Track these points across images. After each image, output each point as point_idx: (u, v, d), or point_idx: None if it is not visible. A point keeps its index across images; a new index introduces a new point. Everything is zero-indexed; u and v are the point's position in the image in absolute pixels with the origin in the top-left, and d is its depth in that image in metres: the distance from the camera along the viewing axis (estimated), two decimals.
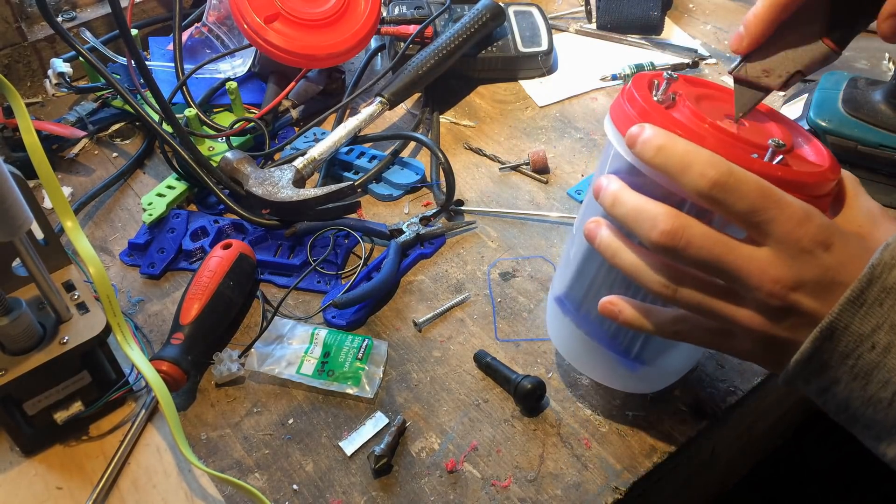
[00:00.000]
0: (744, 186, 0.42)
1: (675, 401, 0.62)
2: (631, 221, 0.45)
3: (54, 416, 0.58)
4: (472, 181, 0.83)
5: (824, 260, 0.42)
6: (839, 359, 0.42)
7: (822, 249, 0.42)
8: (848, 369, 0.43)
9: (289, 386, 0.64)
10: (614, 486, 0.57)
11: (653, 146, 0.44)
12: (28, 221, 0.51)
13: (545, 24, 0.98)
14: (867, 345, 0.42)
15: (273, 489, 0.58)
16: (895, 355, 0.41)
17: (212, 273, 0.66)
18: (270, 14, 0.84)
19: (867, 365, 0.42)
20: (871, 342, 0.41)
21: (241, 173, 0.77)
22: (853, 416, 0.44)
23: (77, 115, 0.87)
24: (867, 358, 0.42)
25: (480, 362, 0.64)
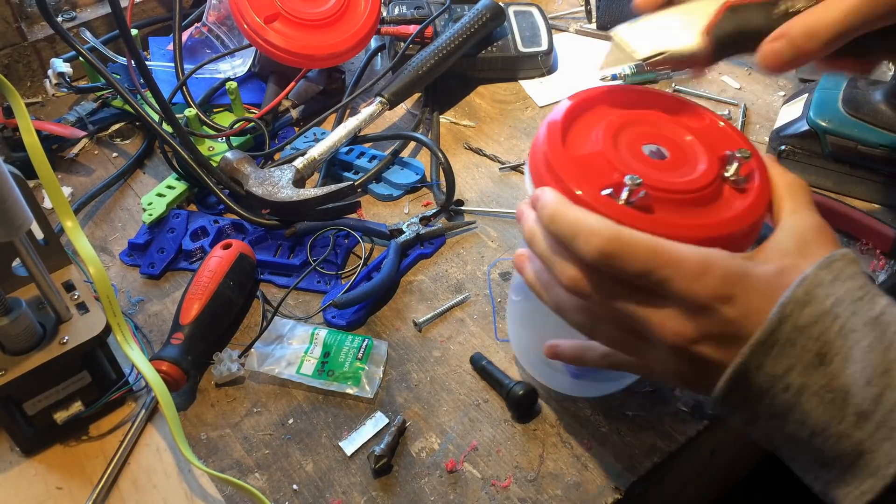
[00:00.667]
0: (632, 251, 0.41)
1: (675, 401, 0.62)
2: (545, 260, 0.47)
3: (54, 416, 0.58)
4: (472, 181, 0.83)
5: (725, 313, 0.41)
6: (756, 397, 0.42)
7: (722, 303, 0.41)
8: (765, 408, 0.42)
9: (289, 386, 0.64)
10: (614, 486, 0.57)
11: (546, 214, 0.45)
12: (28, 221, 0.51)
13: (545, 24, 0.98)
14: (780, 385, 0.41)
15: (273, 489, 0.58)
16: (808, 397, 0.40)
17: (212, 273, 0.66)
18: (270, 14, 0.84)
19: (783, 405, 0.41)
20: (785, 383, 0.40)
21: (241, 173, 0.77)
22: (778, 449, 0.44)
23: (77, 115, 0.87)
24: (782, 398, 0.41)
25: (476, 365, 0.64)
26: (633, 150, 0.48)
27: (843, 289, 0.40)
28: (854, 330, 0.40)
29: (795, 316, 0.40)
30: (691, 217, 0.45)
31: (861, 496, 0.39)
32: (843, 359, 0.39)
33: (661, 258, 0.41)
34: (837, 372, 0.39)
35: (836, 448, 0.40)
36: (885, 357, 0.39)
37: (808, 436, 0.41)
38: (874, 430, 0.39)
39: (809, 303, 0.40)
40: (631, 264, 0.41)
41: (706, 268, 0.41)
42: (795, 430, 0.41)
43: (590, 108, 0.51)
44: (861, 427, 0.39)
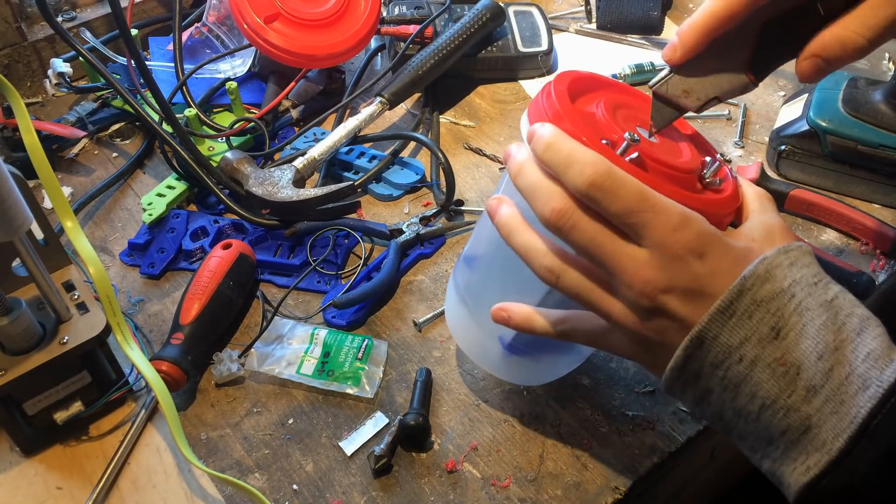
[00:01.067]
0: (621, 189, 0.43)
1: (676, 401, 0.62)
2: (530, 193, 0.47)
3: (54, 416, 0.58)
4: (472, 181, 0.83)
5: (696, 268, 0.43)
6: (710, 368, 0.43)
7: (695, 257, 0.43)
8: (718, 380, 0.43)
9: (289, 386, 0.64)
10: (614, 486, 0.57)
11: (543, 142, 0.45)
12: (28, 221, 0.51)
13: (545, 24, 0.98)
14: (735, 356, 0.42)
15: (273, 489, 0.58)
16: (761, 369, 0.41)
17: (212, 273, 0.66)
18: (270, 14, 0.84)
19: (736, 377, 0.42)
20: (739, 354, 0.42)
21: (241, 173, 0.77)
22: (727, 427, 0.45)
23: (77, 115, 0.87)
24: (735, 370, 0.42)
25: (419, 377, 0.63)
26: (630, 126, 0.50)
27: (799, 273, 0.43)
28: (809, 309, 0.42)
29: (755, 290, 0.42)
30: (677, 189, 0.46)
31: (807, 471, 0.41)
32: (797, 334, 0.41)
33: (647, 202, 0.43)
34: (791, 346, 0.41)
35: (785, 422, 0.41)
36: (837, 336, 0.41)
37: (758, 409, 0.42)
38: (822, 404, 0.40)
39: (768, 280, 0.42)
40: (618, 201, 0.43)
41: (686, 221, 0.43)
42: (746, 404, 0.43)
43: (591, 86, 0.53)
44: (809, 401, 0.41)
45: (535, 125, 0.47)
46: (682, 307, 0.43)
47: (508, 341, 0.58)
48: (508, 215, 0.50)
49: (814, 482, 0.40)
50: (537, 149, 0.46)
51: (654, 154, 0.47)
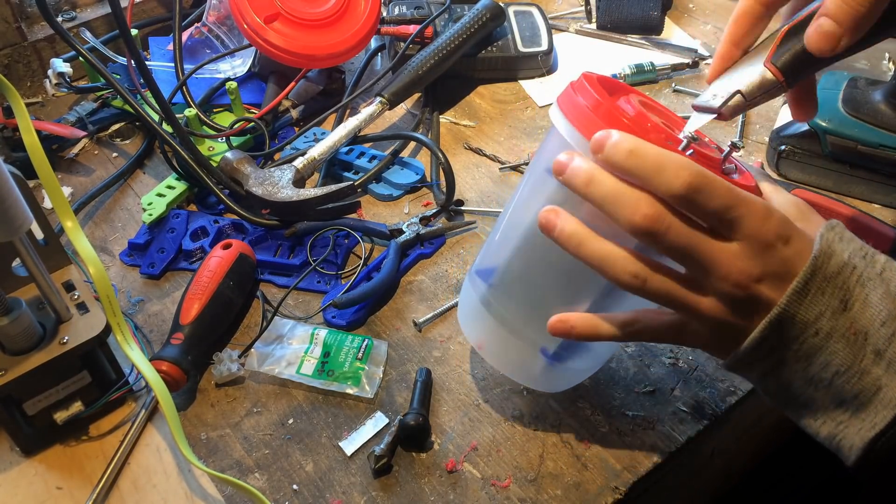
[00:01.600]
0: (716, 188, 0.44)
1: (675, 401, 0.62)
2: (610, 203, 0.45)
3: (54, 416, 0.58)
4: (472, 181, 0.83)
5: (784, 253, 0.45)
6: (786, 343, 0.45)
7: (783, 243, 0.45)
8: (793, 353, 0.46)
9: (289, 386, 0.64)
10: (614, 486, 0.57)
11: (624, 149, 0.45)
12: (28, 221, 0.51)
13: (545, 24, 0.98)
14: (811, 331, 0.45)
15: (273, 489, 0.58)
16: (836, 339, 0.44)
17: (212, 273, 0.66)
18: (270, 14, 0.84)
19: (811, 348, 0.45)
20: (815, 328, 0.45)
21: (241, 173, 0.77)
22: (793, 396, 0.47)
23: (77, 115, 0.87)
24: (811, 342, 0.45)
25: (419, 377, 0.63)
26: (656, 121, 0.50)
27: (849, 247, 0.45)
28: (870, 279, 0.45)
29: (825, 267, 0.44)
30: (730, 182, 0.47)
31: (873, 427, 0.44)
32: (862, 303, 0.44)
33: (739, 197, 0.44)
34: (858, 315, 0.44)
35: (858, 385, 0.44)
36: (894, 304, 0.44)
37: (831, 376, 0.45)
38: (887, 366, 0.44)
39: (832, 255, 0.45)
40: (714, 199, 0.44)
41: (770, 211, 0.45)
42: (819, 372, 0.45)
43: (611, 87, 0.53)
44: (878, 363, 0.44)
45: (603, 133, 0.45)
46: (773, 292, 0.45)
47: (553, 350, 0.57)
48: (575, 226, 0.48)
49: (879, 436, 0.44)
50: (617, 157, 0.45)
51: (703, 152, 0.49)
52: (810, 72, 0.49)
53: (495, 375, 0.64)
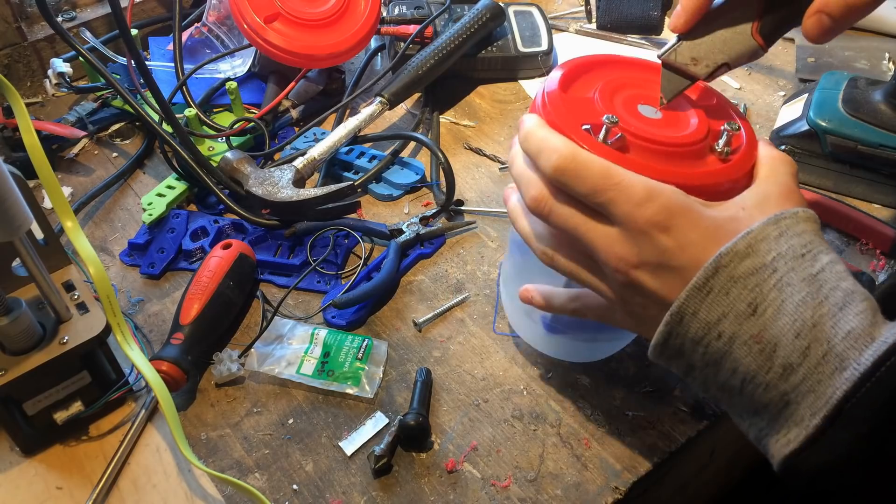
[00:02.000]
0: (585, 170, 0.44)
1: (675, 401, 0.62)
2: (517, 182, 0.50)
3: (54, 416, 0.58)
4: (472, 181, 0.83)
5: (661, 242, 0.43)
6: (691, 344, 0.44)
7: (659, 231, 0.43)
8: (700, 356, 0.44)
9: (289, 386, 0.64)
10: (614, 486, 0.57)
11: (522, 133, 0.48)
12: (28, 221, 0.51)
13: (545, 24, 0.98)
14: (714, 333, 0.42)
15: (273, 489, 0.58)
16: (739, 346, 0.42)
17: (212, 273, 0.66)
18: (270, 14, 0.84)
19: (716, 353, 0.43)
20: (718, 331, 0.42)
21: (241, 173, 0.77)
22: (715, 398, 0.46)
23: (77, 115, 0.87)
24: (715, 346, 0.43)
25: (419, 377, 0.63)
26: (628, 106, 0.51)
27: (786, 245, 0.42)
28: (790, 284, 0.41)
29: (732, 266, 0.42)
30: (666, 166, 0.47)
31: (787, 444, 0.41)
32: (774, 311, 0.41)
33: (611, 181, 0.44)
34: (768, 323, 0.41)
35: (765, 397, 0.42)
36: (816, 312, 0.40)
37: (739, 384, 0.43)
38: (799, 382, 0.40)
39: (749, 255, 0.42)
40: (582, 182, 0.44)
41: (649, 196, 0.43)
42: (728, 379, 0.43)
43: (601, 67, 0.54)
44: (787, 379, 0.40)
45: (523, 116, 0.49)
46: (653, 282, 0.44)
47: (548, 321, 0.61)
48: (512, 203, 0.53)
49: (793, 455, 0.41)
50: (519, 138, 0.49)
51: (644, 132, 0.48)
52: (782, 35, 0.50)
53: (495, 375, 0.64)
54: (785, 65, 0.97)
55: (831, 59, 0.95)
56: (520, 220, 0.52)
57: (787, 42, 1.00)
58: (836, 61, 0.94)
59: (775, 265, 0.41)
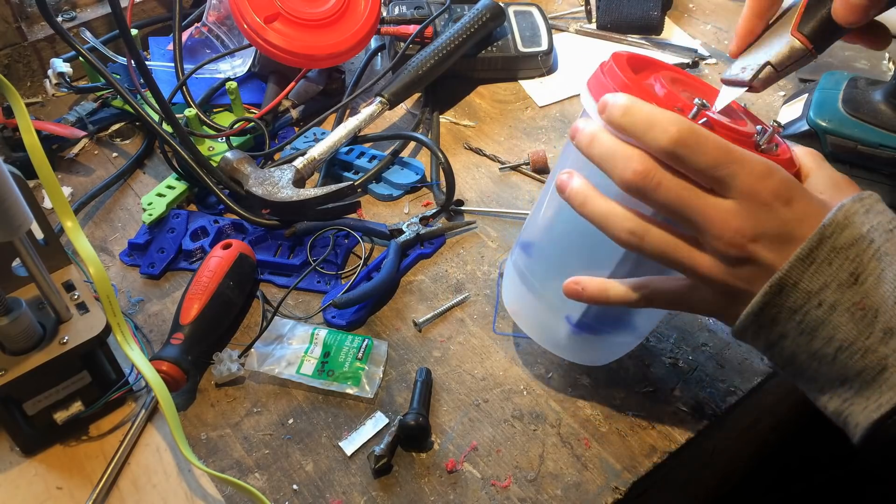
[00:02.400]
0: (706, 143, 0.44)
1: (675, 401, 0.62)
2: (607, 160, 0.47)
3: (54, 416, 0.58)
4: (472, 181, 0.83)
5: (783, 214, 0.44)
6: (788, 314, 0.44)
7: (782, 204, 0.44)
8: (795, 324, 0.44)
9: (289, 386, 0.64)
10: (614, 486, 0.57)
11: (619, 108, 0.46)
12: (28, 221, 0.51)
13: (545, 24, 0.98)
14: (814, 301, 0.43)
15: (273, 489, 0.58)
16: (840, 313, 0.43)
17: (212, 273, 0.66)
18: (270, 14, 0.84)
19: (814, 321, 0.44)
20: (819, 299, 0.43)
21: (241, 173, 0.77)
22: (799, 370, 0.46)
23: (77, 115, 0.87)
24: (814, 314, 0.44)
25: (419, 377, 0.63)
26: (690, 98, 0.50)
27: (876, 220, 0.44)
28: (887, 254, 0.43)
29: (835, 237, 0.43)
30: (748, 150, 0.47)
31: (878, 408, 0.42)
32: (876, 279, 0.42)
33: (732, 154, 0.44)
34: (870, 291, 0.43)
35: (861, 363, 0.43)
36: None
37: (834, 351, 0.44)
38: None
39: (847, 226, 0.43)
40: (704, 155, 0.44)
41: (770, 170, 0.44)
42: (822, 347, 0.44)
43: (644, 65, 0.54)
44: (886, 343, 0.42)
45: (607, 95, 0.47)
46: (771, 253, 0.44)
47: (577, 318, 0.58)
48: (580, 185, 0.50)
49: (884, 418, 0.42)
50: (614, 115, 0.46)
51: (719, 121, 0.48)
52: (839, 36, 0.50)
53: (495, 375, 0.64)
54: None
55: (831, 59, 0.95)
56: (593, 202, 0.49)
57: None
58: (836, 61, 0.94)
59: (871, 236, 0.43)
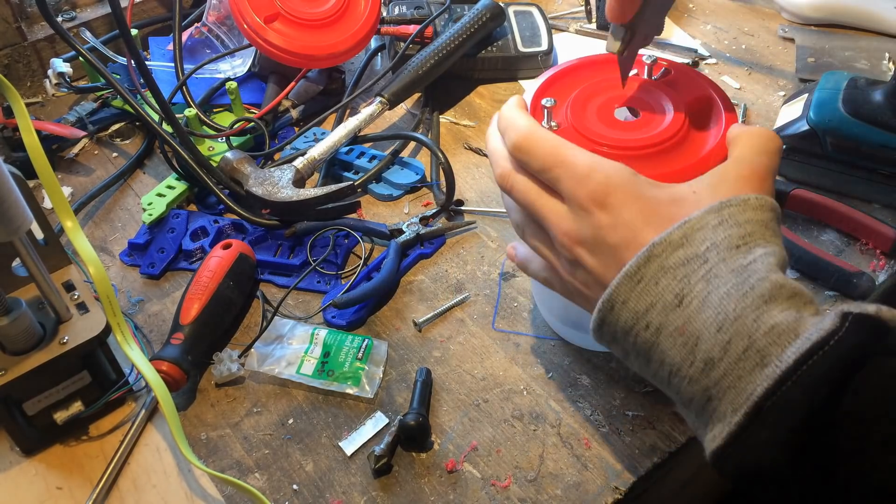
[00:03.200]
0: (537, 147, 0.46)
1: None
2: (491, 160, 0.52)
3: (54, 416, 0.58)
4: (472, 181, 0.83)
5: (599, 219, 0.44)
6: (622, 333, 0.43)
7: (597, 208, 0.44)
8: (631, 345, 0.43)
9: (289, 386, 0.64)
10: (614, 486, 0.57)
11: (501, 112, 0.51)
12: (28, 221, 0.51)
13: (545, 24, 0.98)
14: (642, 323, 0.42)
15: (273, 489, 0.58)
16: (666, 336, 0.41)
17: (212, 273, 0.66)
18: (270, 14, 0.84)
19: (644, 343, 0.42)
20: (646, 321, 0.41)
21: (241, 173, 0.77)
22: (651, 384, 0.47)
23: (77, 115, 0.87)
24: (643, 336, 0.42)
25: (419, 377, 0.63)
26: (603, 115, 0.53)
27: (723, 235, 0.41)
28: (718, 276, 0.40)
29: (665, 256, 0.41)
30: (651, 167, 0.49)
31: (713, 439, 0.39)
32: (699, 303, 0.40)
33: (558, 158, 0.45)
34: (692, 315, 0.40)
35: (689, 391, 0.40)
36: (739, 304, 0.38)
37: (667, 376, 0.42)
38: (720, 377, 0.38)
39: (683, 245, 0.41)
40: (534, 159, 0.47)
41: (591, 171, 0.44)
42: (657, 370, 0.42)
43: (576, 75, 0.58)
44: (708, 374, 0.39)
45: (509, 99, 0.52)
46: (590, 259, 0.45)
47: None
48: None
49: (719, 451, 0.39)
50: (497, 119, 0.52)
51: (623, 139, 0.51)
52: None
53: (495, 375, 0.64)
54: (785, 65, 0.97)
55: (831, 59, 0.95)
56: (505, 197, 0.53)
57: (787, 42, 1.01)
58: (836, 61, 0.95)
59: (707, 255, 0.40)
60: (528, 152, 0.47)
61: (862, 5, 1.00)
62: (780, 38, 1.01)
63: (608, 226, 0.43)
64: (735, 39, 1.02)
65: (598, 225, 0.44)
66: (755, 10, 1.08)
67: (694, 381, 0.40)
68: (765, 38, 1.02)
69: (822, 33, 1.01)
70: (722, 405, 0.39)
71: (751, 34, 1.03)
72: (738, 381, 0.38)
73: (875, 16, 0.99)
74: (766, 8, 1.08)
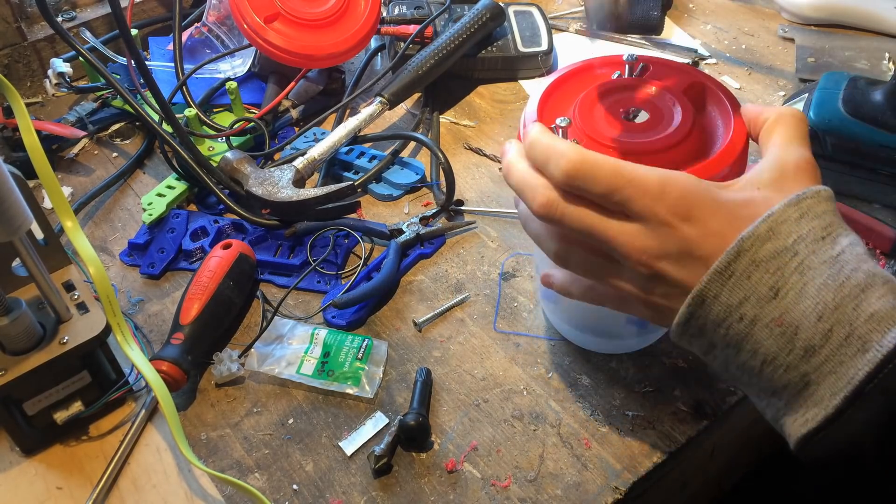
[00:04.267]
0: (596, 171, 0.44)
1: (675, 401, 0.62)
2: (520, 191, 0.49)
3: (54, 416, 0.58)
4: (472, 181, 0.83)
5: (684, 232, 0.44)
6: (713, 326, 0.44)
7: (681, 221, 0.44)
8: (721, 337, 0.44)
9: (289, 386, 0.64)
10: (614, 486, 0.57)
11: (528, 141, 0.48)
12: (28, 221, 0.51)
13: (545, 24, 0.98)
14: (735, 315, 0.43)
15: (273, 489, 0.58)
16: (761, 327, 0.42)
17: (212, 273, 0.66)
18: (270, 14, 0.84)
19: (737, 335, 0.43)
20: (740, 313, 0.43)
21: (241, 173, 0.77)
22: (733, 377, 0.46)
23: (77, 115, 0.87)
24: (736, 328, 0.43)
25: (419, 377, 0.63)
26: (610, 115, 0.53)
27: (807, 227, 0.42)
28: (811, 268, 0.41)
29: (754, 250, 0.42)
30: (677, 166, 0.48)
31: (805, 423, 0.41)
32: (796, 294, 0.41)
33: (624, 178, 0.44)
34: (790, 306, 0.41)
35: (785, 378, 0.42)
36: (837, 294, 0.40)
37: (759, 365, 0.43)
38: (821, 363, 0.41)
39: (770, 238, 0.42)
40: (596, 184, 0.44)
41: (665, 187, 0.44)
42: (748, 360, 0.43)
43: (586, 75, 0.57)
44: (808, 360, 0.41)
45: (528, 124, 0.49)
46: (678, 271, 0.44)
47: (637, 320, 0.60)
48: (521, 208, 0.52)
49: (811, 435, 0.41)
50: (525, 147, 0.48)
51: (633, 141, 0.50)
52: None
53: (495, 375, 0.64)
54: (785, 65, 0.97)
55: (831, 59, 0.95)
56: (529, 224, 0.52)
57: (787, 42, 1.01)
58: (836, 61, 0.94)
59: (796, 248, 0.42)
60: (587, 178, 0.44)
61: (862, 5, 1.00)
62: (780, 38, 1.01)
63: (697, 237, 0.43)
64: (735, 39, 1.02)
65: (685, 238, 0.43)
66: (755, 10, 1.08)
67: (792, 368, 0.41)
68: (765, 38, 1.02)
69: (822, 33, 1.01)
70: (820, 390, 0.41)
71: (751, 34, 1.03)
72: (839, 366, 0.40)
73: (875, 16, 0.99)
74: (766, 8, 1.08)
